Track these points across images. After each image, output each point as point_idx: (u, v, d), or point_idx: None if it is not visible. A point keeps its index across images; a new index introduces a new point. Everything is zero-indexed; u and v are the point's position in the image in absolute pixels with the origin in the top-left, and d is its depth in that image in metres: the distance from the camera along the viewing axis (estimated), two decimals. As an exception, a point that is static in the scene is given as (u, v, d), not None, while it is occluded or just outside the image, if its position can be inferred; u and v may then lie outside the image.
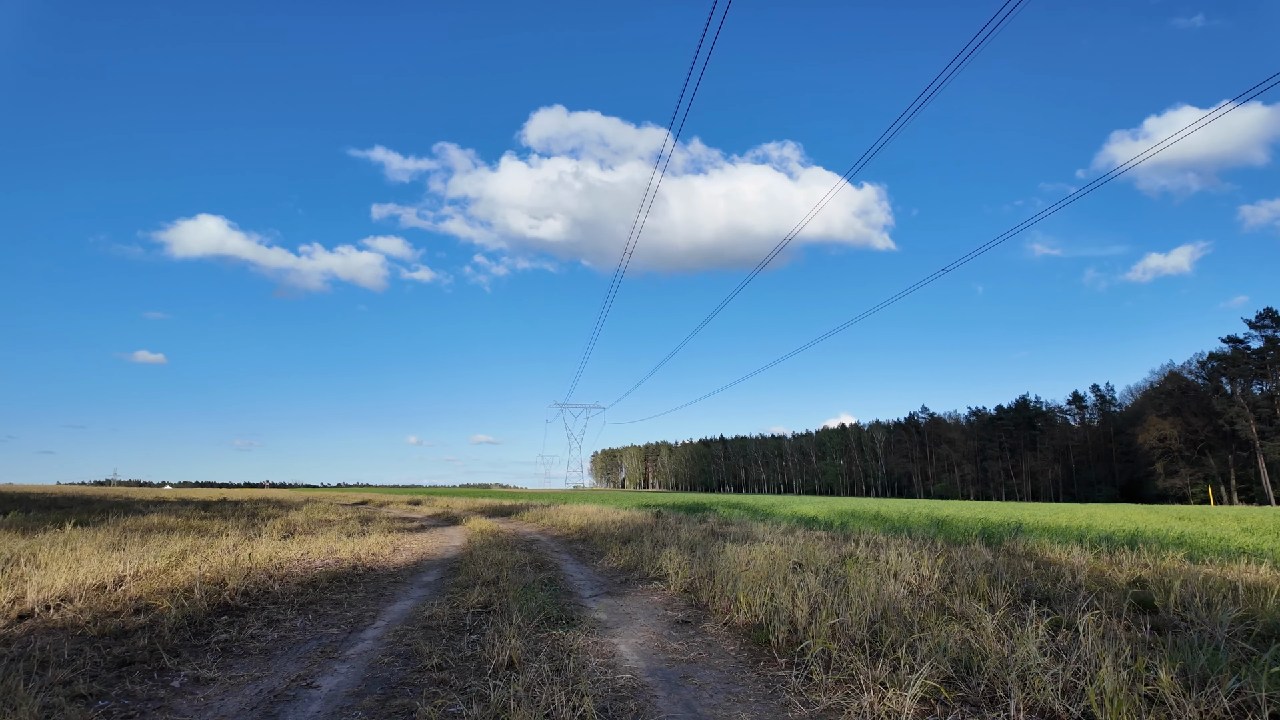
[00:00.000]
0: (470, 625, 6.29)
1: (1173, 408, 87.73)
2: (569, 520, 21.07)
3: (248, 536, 12.90)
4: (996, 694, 4.03)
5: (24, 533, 12.46)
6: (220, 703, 4.15)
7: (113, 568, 7.82)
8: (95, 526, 13.97)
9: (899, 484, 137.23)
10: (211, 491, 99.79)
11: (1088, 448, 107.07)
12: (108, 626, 5.64)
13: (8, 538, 11.28)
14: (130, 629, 5.64)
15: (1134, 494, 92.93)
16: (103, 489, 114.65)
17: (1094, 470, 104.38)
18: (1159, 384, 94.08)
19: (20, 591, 6.49)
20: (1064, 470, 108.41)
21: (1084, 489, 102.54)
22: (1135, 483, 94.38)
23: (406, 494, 75.24)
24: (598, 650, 5.52)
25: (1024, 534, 13.06)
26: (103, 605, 6.33)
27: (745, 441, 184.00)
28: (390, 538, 14.67)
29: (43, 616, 5.92)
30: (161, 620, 5.86)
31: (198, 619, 6.18)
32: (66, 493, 62.88)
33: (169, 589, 6.99)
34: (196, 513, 22.52)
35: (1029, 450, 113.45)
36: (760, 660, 5.23)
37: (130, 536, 11.83)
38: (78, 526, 13.64)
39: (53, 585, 6.79)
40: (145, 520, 16.76)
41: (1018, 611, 5.94)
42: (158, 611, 6.19)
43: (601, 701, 4.15)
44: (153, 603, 6.49)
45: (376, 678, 4.72)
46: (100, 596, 6.69)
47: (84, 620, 5.80)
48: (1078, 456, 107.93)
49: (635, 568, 10.30)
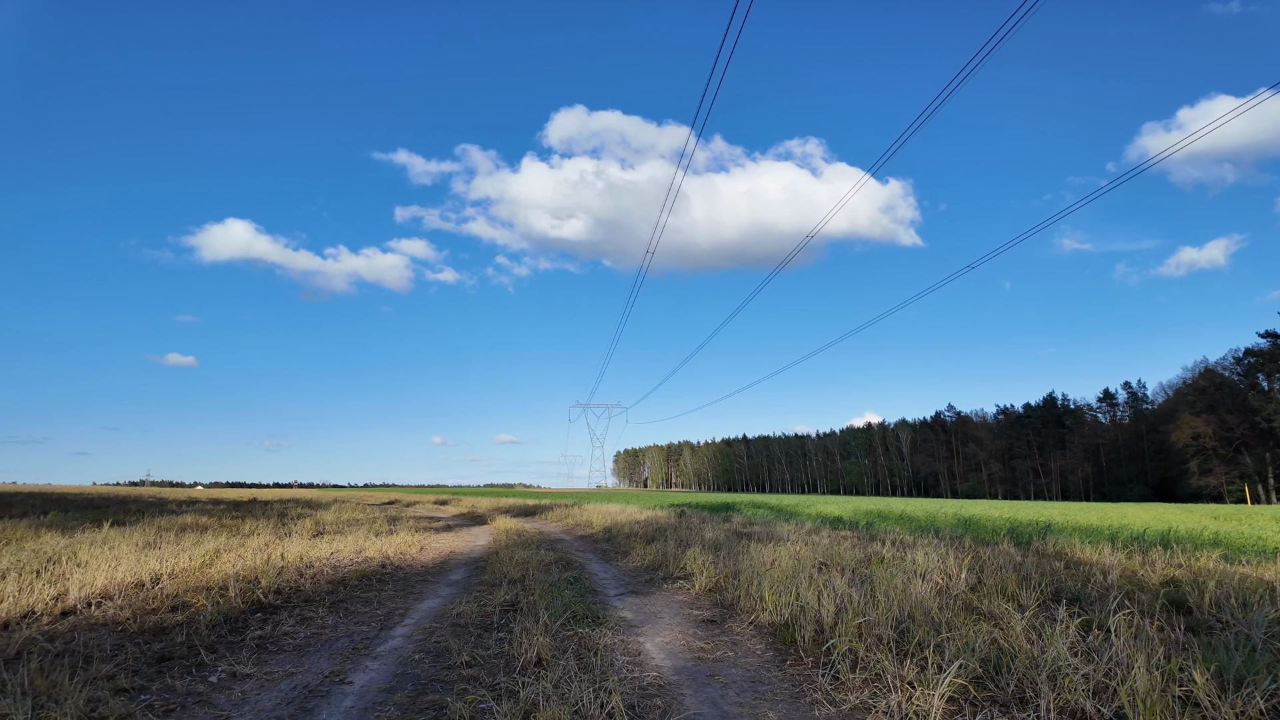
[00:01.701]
0: (498, 623, 6.36)
1: (1207, 405, 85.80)
2: (592, 520, 21.15)
3: (278, 536, 13.13)
4: (1026, 694, 4.00)
5: (64, 532, 12.80)
6: (257, 698, 4.25)
7: (150, 566, 8.02)
8: (131, 526, 14.30)
9: (925, 483, 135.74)
10: (242, 491, 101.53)
11: (1119, 446, 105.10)
12: (147, 623, 5.79)
13: (49, 537, 11.60)
14: (168, 626, 5.78)
15: (1167, 493, 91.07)
16: (137, 489, 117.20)
17: (1125, 469, 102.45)
18: (1193, 380, 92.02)
19: (63, 589, 6.68)
20: (1094, 469, 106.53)
21: (1115, 488, 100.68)
22: (1168, 481, 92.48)
23: (432, 494, 76.00)
24: (624, 648, 5.56)
25: (1053, 533, 12.88)
26: (141, 602, 6.49)
27: (768, 441, 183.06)
28: (418, 537, 14.84)
29: (85, 613, 6.09)
30: (198, 617, 6.00)
31: (233, 616, 6.32)
32: (103, 493, 64.33)
33: (204, 587, 7.15)
34: (228, 512, 22.96)
35: (1058, 449, 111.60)
36: (786, 659, 5.23)
37: (165, 536, 12.10)
38: (115, 526, 13.97)
39: (93, 583, 6.98)
40: (179, 520, 17.13)
41: (1047, 611, 5.88)
42: (194, 609, 6.34)
43: (629, 699, 4.18)
44: (189, 600, 6.64)
45: (407, 674, 4.80)
46: (139, 594, 6.86)
47: (124, 617, 5.95)
48: (1108, 455, 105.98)
49: (659, 567, 10.33)
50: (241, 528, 15.07)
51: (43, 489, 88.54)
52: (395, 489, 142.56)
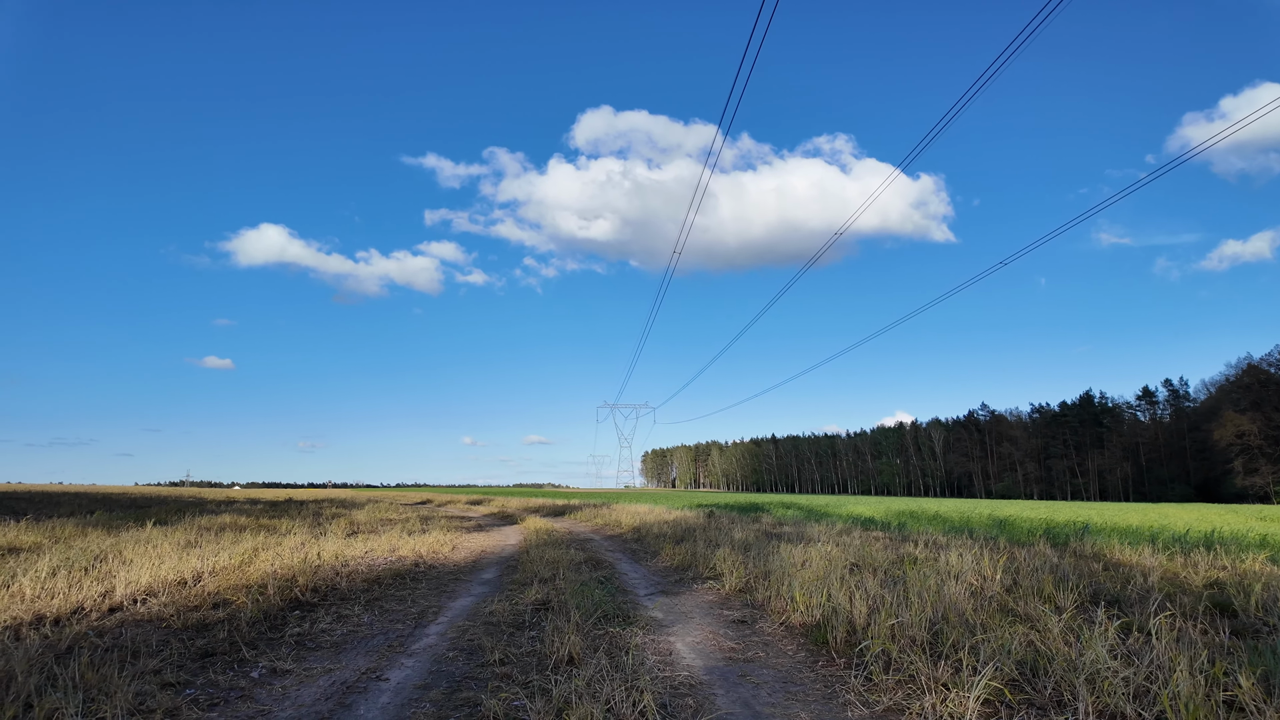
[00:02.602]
0: (529, 622, 6.42)
1: (1252, 402, 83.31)
2: (621, 520, 21.21)
3: (314, 535, 13.38)
4: (1064, 697, 3.94)
5: (110, 531, 13.18)
6: (297, 693, 4.35)
7: (191, 564, 8.23)
8: (173, 525, 14.67)
9: (959, 484, 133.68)
10: (278, 492, 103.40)
11: (1159, 445, 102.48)
12: (190, 620, 5.94)
13: (96, 536, 11.96)
14: (210, 622, 5.93)
15: (1210, 493, 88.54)
16: (177, 489, 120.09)
17: (1166, 468, 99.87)
18: (1237, 377, 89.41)
19: (110, 586, 6.89)
20: (1133, 469, 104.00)
21: (1155, 488, 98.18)
22: (1212, 481, 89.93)
23: (463, 494, 76.79)
24: (655, 648, 5.58)
25: (1091, 534, 12.63)
26: (184, 600, 6.67)
27: (798, 441, 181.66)
28: (450, 536, 15.02)
29: (131, 610, 6.28)
30: (239, 615, 6.15)
31: (272, 614, 6.47)
32: (145, 493, 66.04)
33: (244, 585, 7.32)
34: (265, 512, 23.43)
35: (1095, 448, 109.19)
36: (818, 660, 5.21)
37: (205, 535, 12.41)
38: (157, 525, 14.35)
39: (138, 580, 7.19)
40: (218, 519, 17.52)
41: (1085, 614, 5.78)
42: (235, 606, 6.49)
43: (661, 698, 4.20)
44: (229, 598, 6.81)
45: (442, 671, 4.87)
46: (181, 591, 7.05)
47: (168, 614, 6.12)
48: (1148, 454, 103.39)
49: (689, 567, 10.33)
50: (278, 527, 15.38)
51: (88, 489, 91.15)
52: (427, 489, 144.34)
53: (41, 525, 14.00)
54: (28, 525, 13.85)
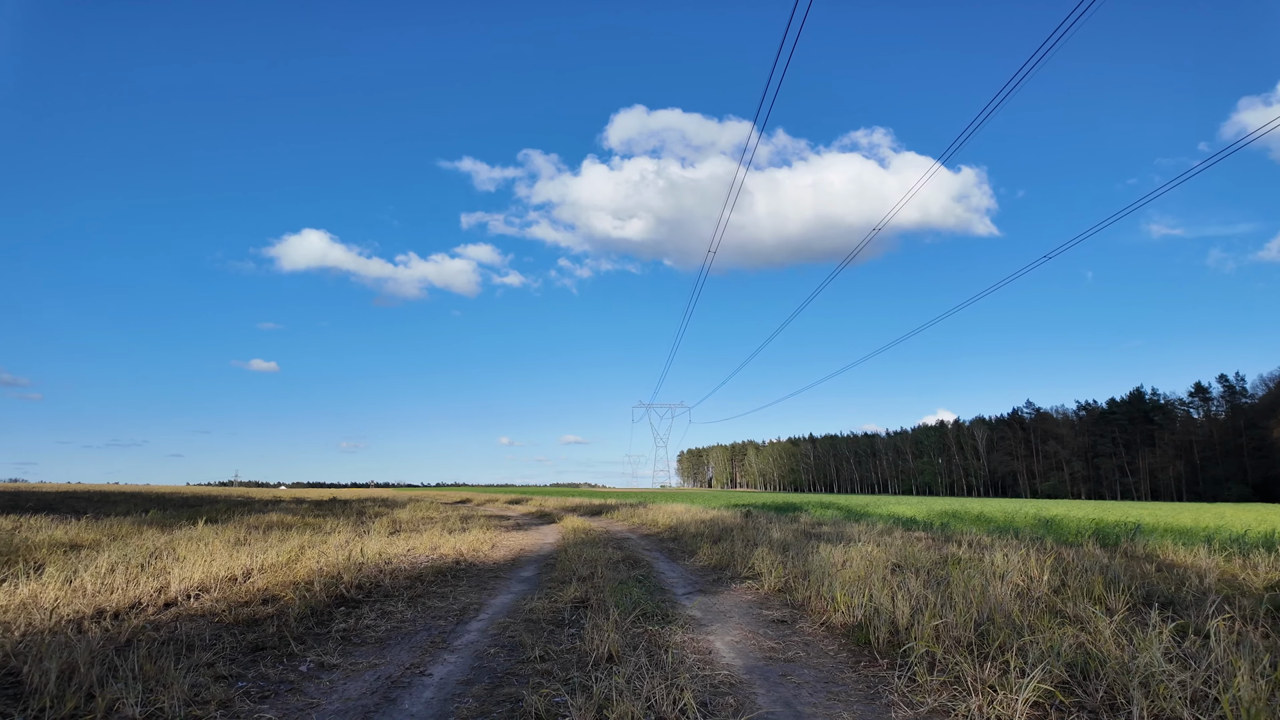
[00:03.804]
0: (569, 619, 6.46)
1: (1315, 398, 79.96)
2: (658, 519, 21.22)
3: (358, 534, 13.64)
4: (1117, 701, 3.83)
5: (163, 529, 13.62)
6: (344, 687, 4.45)
7: (241, 561, 8.46)
8: (223, 524, 15.10)
9: (1003, 483, 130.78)
10: (322, 491, 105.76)
11: (1214, 443, 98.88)
12: (240, 615, 6.11)
13: (150, 534, 12.36)
14: (260, 618, 6.10)
15: (1270, 492, 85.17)
16: (226, 489, 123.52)
17: (1222, 467, 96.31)
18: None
19: (165, 582, 7.12)
20: (1187, 467, 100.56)
21: (1211, 487, 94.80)
22: (1271, 480, 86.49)
23: (502, 493, 77.59)
24: (694, 646, 5.57)
25: (1143, 534, 12.26)
26: (235, 595, 6.86)
27: (836, 440, 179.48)
28: (489, 534, 15.19)
29: (185, 605, 6.48)
30: (287, 610, 6.30)
31: (318, 609, 6.62)
32: (196, 493, 68.05)
33: (291, 582, 7.50)
34: (310, 511, 23.97)
35: (1146, 446, 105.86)
36: (860, 660, 5.15)
37: (254, 533, 12.74)
38: (208, 524, 14.79)
39: (191, 577, 7.41)
40: (266, 518, 17.98)
41: (1138, 616, 5.62)
42: (283, 602, 6.66)
43: (701, 696, 4.20)
44: (278, 594, 6.98)
45: (484, 667, 4.93)
46: (232, 587, 7.25)
47: (220, 609, 6.30)
48: (1202, 453, 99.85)
49: (726, 566, 10.29)
50: (323, 526, 15.73)
51: (142, 489, 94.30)
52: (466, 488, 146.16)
53: (100, 523, 14.54)
54: (87, 523, 14.40)
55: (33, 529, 13.06)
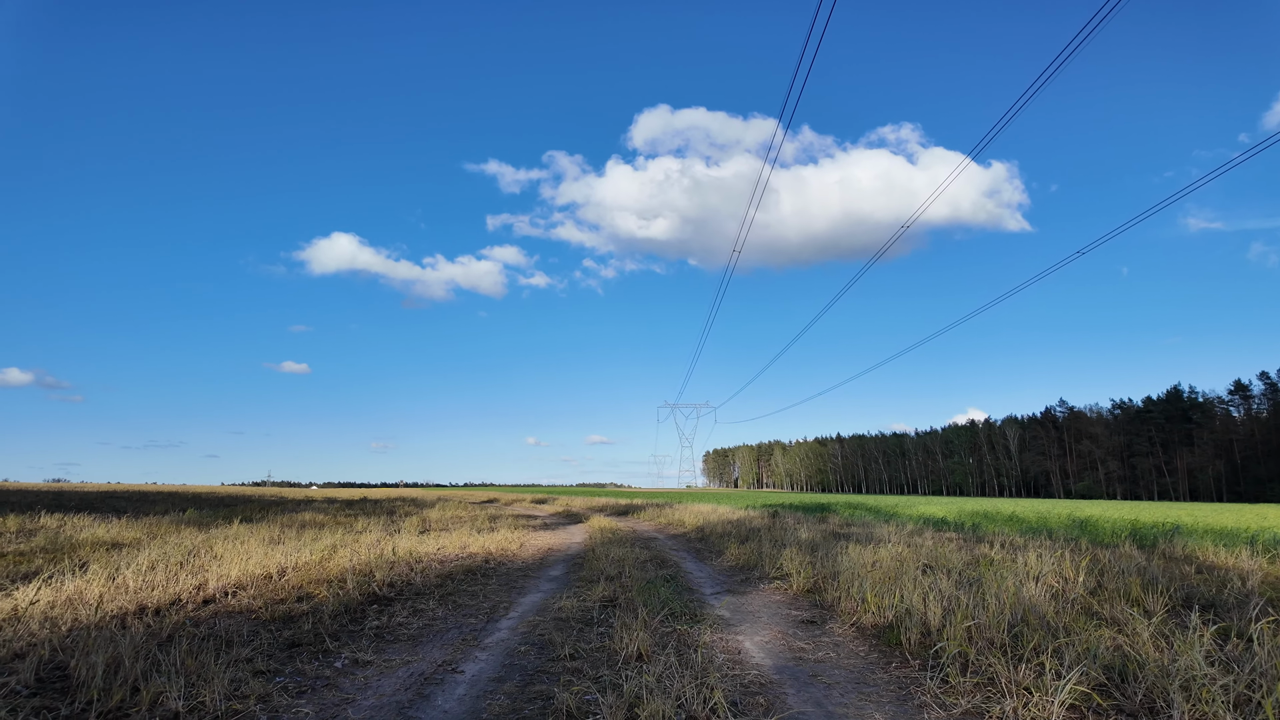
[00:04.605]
0: (597, 618, 6.49)
1: (1363, 396, 77.43)
2: (685, 519, 21.20)
3: (388, 533, 13.83)
4: (1156, 704, 3.76)
5: (200, 528, 13.93)
6: (378, 683, 4.52)
7: (276, 559, 8.62)
8: (257, 523, 15.40)
9: (1035, 483, 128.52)
10: (353, 491, 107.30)
11: (1256, 442, 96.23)
12: (276, 612, 6.24)
13: (188, 533, 12.65)
14: (295, 615, 6.21)
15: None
16: (260, 489, 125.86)
17: (1265, 467, 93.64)
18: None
19: (203, 579, 7.28)
20: (1227, 467, 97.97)
21: (1253, 487, 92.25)
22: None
23: (528, 492, 78.05)
24: (723, 646, 5.57)
25: (1182, 536, 11.98)
26: (271, 593, 7.00)
27: (864, 440, 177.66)
28: (517, 534, 15.30)
29: (223, 602, 6.62)
30: (321, 608, 6.42)
31: (351, 607, 6.72)
32: (231, 493, 69.37)
33: (325, 579, 7.63)
34: (342, 510, 24.34)
35: (1184, 445, 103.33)
36: (891, 661, 5.11)
37: (287, 532, 12.97)
38: (243, 523, 15.09)
39: (228, 574, 7.57)
40: (298, 517, 18.30)
41: (1177, 618, 5.50)
42: (317, 599, 6.78)
43: (731, 695, 4.20)
44: (312, 591, 7.11)
45: (515, 665, 4.98)
46: (268, 585, 7.39)
47: (256, 606, 6.43)
48: (1244, 452, 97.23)
49: (754, 566, 10.25)
50: (354, 525, 15.96)
51: (179, 489, 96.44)
52: (493, 488, 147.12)
53: (139, 522, 14.91)
54: (127, 522, 14.78)
55: (76, 528, 13.44)
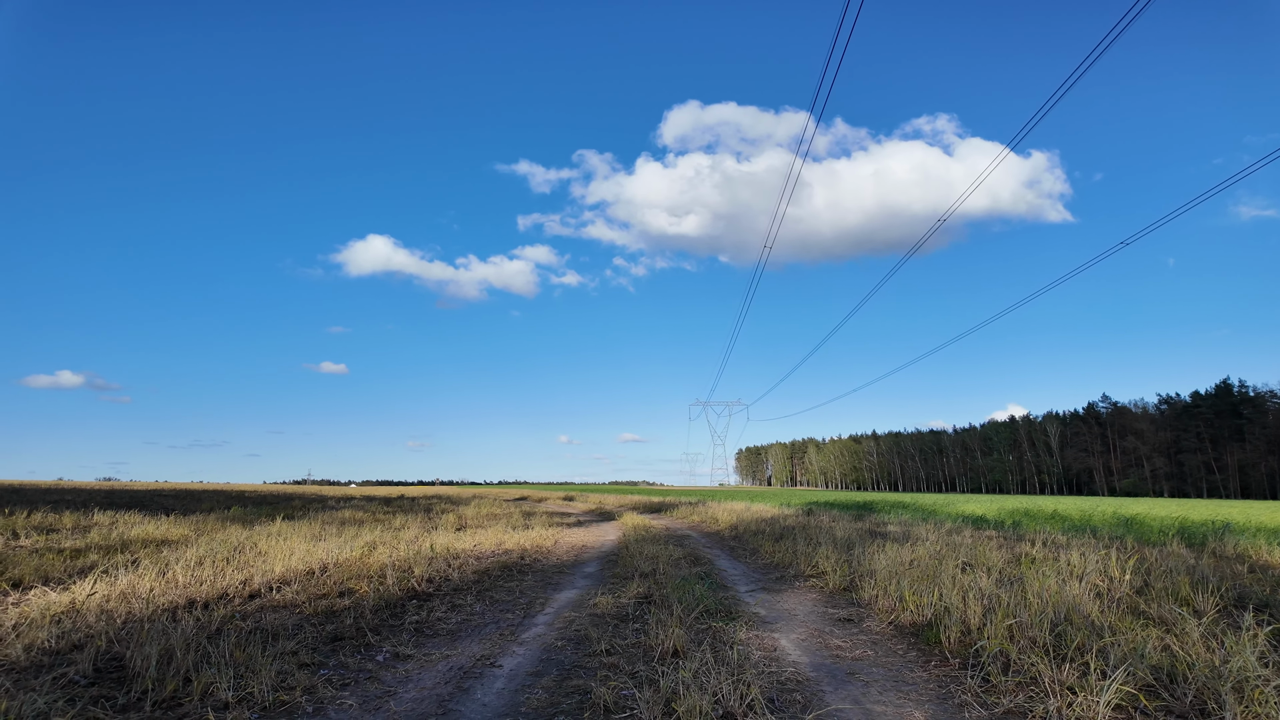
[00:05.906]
0: (633, 615, 6.52)
1: None
2: (718, 517, 21.15)
3: (426, 529, 14.04)
4: (1207, 706, 3.66)
5: (245, 525, 14.29)
6: (419, 676, 4.60)
7: (318, 556, 8.82)
8: (299, 520, 15.74)
9: (1077, 480, 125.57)
10: (390, 489, 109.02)
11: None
12: (319, 607, 6.38)
13: (234, 529, 12.99)
14: (337, 609, 6.35)
15: (1377, 491, 79.50)
16: (300, 487, 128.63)
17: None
18: (1407, 361, 79.76)
19: (249, 575, 7.48)
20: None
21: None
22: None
23: (561, 490, 78.59)
24: (759, 644, 5.55)
25: (1233, 534, 11.62)
26: (314, 588, 7.16)
27: (900, 437, 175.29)
28: (551, 531, 15.42)
29: (268, 596, 6.80)
30: (362, 603, 6.55)
31: (391, 602, 6.85)
32: (273, 490, 70.99)
33: (365, 575, 7.79)
34: (380, 508, 24.76)
35: (1234, 441, 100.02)
36: (930, 660, 5.05)
37: (328, 529, 13.25)
38: (285, 520, 15.44)
39: (273, 570, 7.77)
40: (339, 515, 18.67)
41: (1229, 618, 5.35)
42: (358, 595, 6.92)
43: (768, 692, 4.19)
44: (353, 587, 7.26)
45: (552, 660, 5.03)
46: (310, 580, 7.57)
47: (300, 600, 6.59)
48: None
49: (789, 565, 10.20)
50: (393, 522, 16.24)
51: (224, 487, 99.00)
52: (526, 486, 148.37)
53: (186, 520, 15.35)
54: (175, 519, 15.22)
55: (127, 525, 13.88)
